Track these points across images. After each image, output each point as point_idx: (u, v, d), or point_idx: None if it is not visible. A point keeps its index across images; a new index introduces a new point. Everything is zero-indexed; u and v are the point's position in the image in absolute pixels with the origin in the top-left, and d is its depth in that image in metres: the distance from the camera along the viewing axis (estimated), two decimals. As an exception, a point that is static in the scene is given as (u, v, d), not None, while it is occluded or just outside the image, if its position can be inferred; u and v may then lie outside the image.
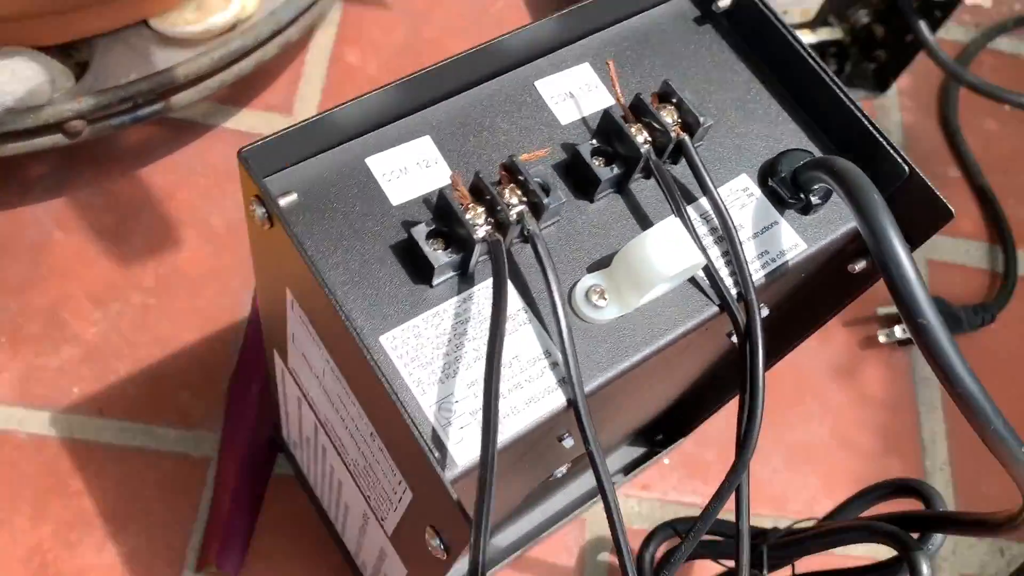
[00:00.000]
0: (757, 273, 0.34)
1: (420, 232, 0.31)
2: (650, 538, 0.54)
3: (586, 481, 0.60)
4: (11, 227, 0.61)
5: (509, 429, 0.30)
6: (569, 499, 0.59)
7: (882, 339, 0.68)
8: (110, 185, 0.63)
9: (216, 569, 0.53)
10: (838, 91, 0.37)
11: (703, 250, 0.33)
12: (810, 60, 0.37)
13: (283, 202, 0.31)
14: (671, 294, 0.33)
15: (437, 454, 0.29)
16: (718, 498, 0.34)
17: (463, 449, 0.29)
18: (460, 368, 0.31)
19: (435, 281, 0.32)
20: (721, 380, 0.53)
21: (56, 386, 0.57)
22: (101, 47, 0.57)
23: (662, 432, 0.62)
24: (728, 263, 0.34)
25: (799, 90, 0.38)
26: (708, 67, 0.38)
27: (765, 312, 0.38)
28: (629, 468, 0.60)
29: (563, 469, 0.50)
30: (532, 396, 0.31)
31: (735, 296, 0.34)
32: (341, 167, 0.33)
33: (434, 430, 0.30)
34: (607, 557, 0.60)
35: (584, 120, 0.36)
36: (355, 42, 0.73)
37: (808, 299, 0.44)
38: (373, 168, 0.33)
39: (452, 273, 0.32)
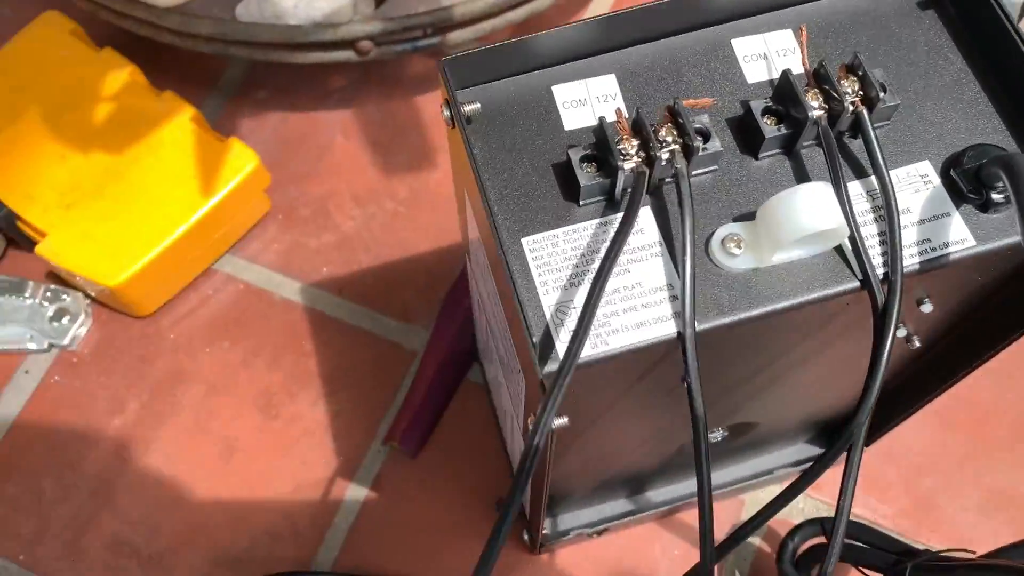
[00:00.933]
0: (911, 258, 0.34)
1: (576, 153, 0.34)
2: (796, 530, 0.54)
3: (752, 464, 0.60)
4: (306, 126, 0.72)
5: (612, 342, 0.32)
6: (733, 476, 0.60)
7: None
8: (391, 105, 0.72)
9: (398, 446, 0.60)
10: (1052, 91, 0.34)
11: (853, 221, 0.33)
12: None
13: (467, 108, 0.35)
14: (813, 260, 0.34)
15: (542, 348, 0.33)
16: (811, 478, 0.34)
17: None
18: (585, 280, 0.34)
19: (582, 201, 0.35)
20: (903, 389, 0.51)
21: (311, 263, 0.67)
22: (402, -21, 0.66)
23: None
24: (883, 243, 0.34)
25: (1016, 89, 0.36)
26: (920, 51, 0.38)
27: (928, 308, 0.37)
28: (801, 463, 0.60)
29: (718, 434, 0.51)
30: (644, 320, 0.33)
31: (880, 276, 0.33)
32: (529, 89, 0.37)
33: (547, 327, 0.33)
34: (757, 541, 0.59)
35: (771, 82, 0.37)
36: None
37: (992, 315, 0.41)
38: (557, 95, 0.37)
39: (600, 197, 0.35)
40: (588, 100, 0.37)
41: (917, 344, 0.43)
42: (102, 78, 0.65)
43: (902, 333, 0.40)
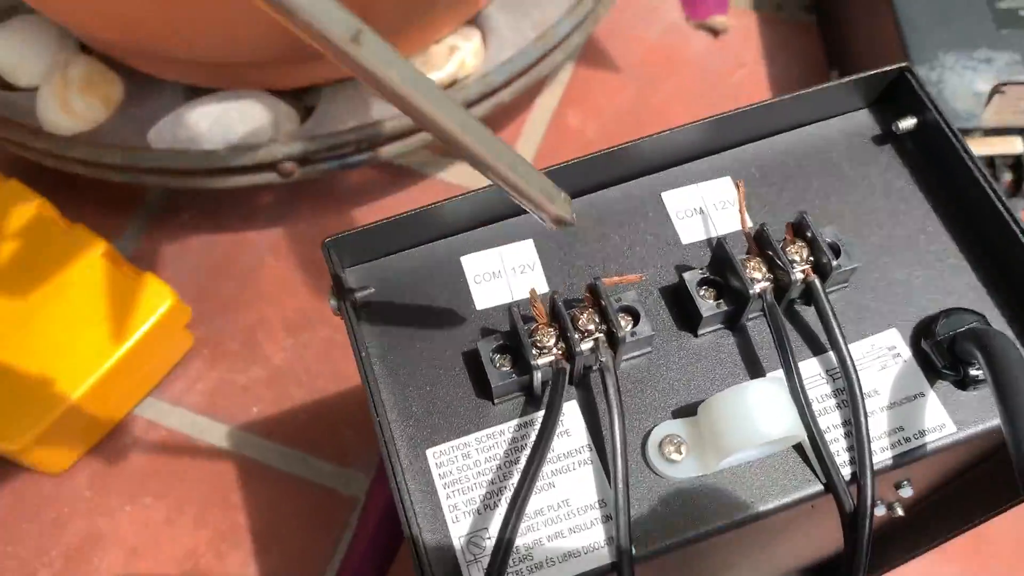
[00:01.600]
0: (883, 453, 0.29)
1: (487, 345, 0.29)
2: None
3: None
4: (233, 249, 0.67)
5: (536, 581, 0.27)
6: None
7: None
8: (325, 220, 0.68)
9: (339, 609, 0.54)
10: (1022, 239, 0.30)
11: (811, 419, 0.28)
12: (1000, 206, 0.31)
13: (359, 295, 0.31)
14: (769, 462, 0.29)
15: (452, 592, 0.27)
16: None
17: (484, 593, 0.27)
18: (503, 500, 0.28)
19: (497, 399, 0.30)
20: (890, 544, 0.46)
21: (239, 402, 0.61)
22: (328, 94, 0.61)
23: None
24: (848, 435, 0.29)
25: (989, 239, 0.32)
26: (877, 195, 0.33)
27: (907, 492, 0.32)
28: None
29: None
30: (573, 549, 0.28)
31: (847, 477, 0.28)
32: (435, 262, 0.32)
33: (456, 566, 0.28)
34: None
35: (709, 242, 0.32)
36: (579, 104, 0.72)
37: (963, 490, 0.36)
38: (466, 267, 0.32)
39: (518, 392, 0.30)
40: (503, 272, 0.32)
41: (900, 513, 0.38)
42: (5, 214, 0.60)
43: (880, 511, 0.35)
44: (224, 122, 0.58)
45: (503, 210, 0.33)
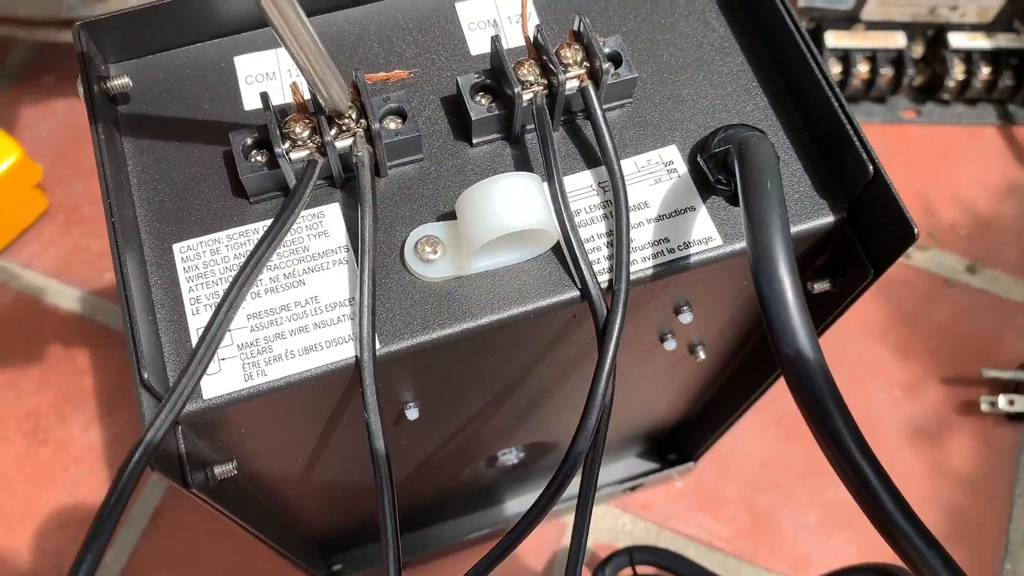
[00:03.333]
0: (644, 263, 0.28)
1: (240, 138, 0.28)
2: (605, 563, 0.48)
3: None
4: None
5: (272, 372, 0.26)
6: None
7: (984, 407, 0.56)
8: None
9: (181, 474, 0.54)
10: (814, 65, 0.29)
11: (567, 219, 0.27)
12: (791, 25, 0.30)
13: (115, 83, 0.29)
14: (529, 267, 0.28)
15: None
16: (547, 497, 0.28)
17: (216, 382, 0.26)
18: (244, 290, 0.27)
19: (252, 197, 0.28)
20: (719, 399, 0.46)
21: (93, 268, 0.60)
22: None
23: (675, 450, 0.55)
24: (611, 244, 0.28)
25: (780, 61, 0.31)
26: (678, 15, 0.32)
27: (687, 317, 0.32)
28: (631, 479, 0.54)
29: (512, 455, 0.45)
30: (315, 343, 0.27)
31: (604, 284, 0.28)
32: (204, 63, 0.30)
33: (191, 355, 0.26)
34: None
35: (497, 54, 0.31)
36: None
37: (753, 331, 0.36)
38: (239, 67, 0.30)
39: (276, 192, 0.29)
40: (278, 74, 0.31)
41: (703, 355, 0.37)
42: None
43: (672, 346, 0.35)
44: (75, -31, 0.55)
45: (284, 11, 0.31)
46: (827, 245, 0.30)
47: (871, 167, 0.27)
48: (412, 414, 0.32)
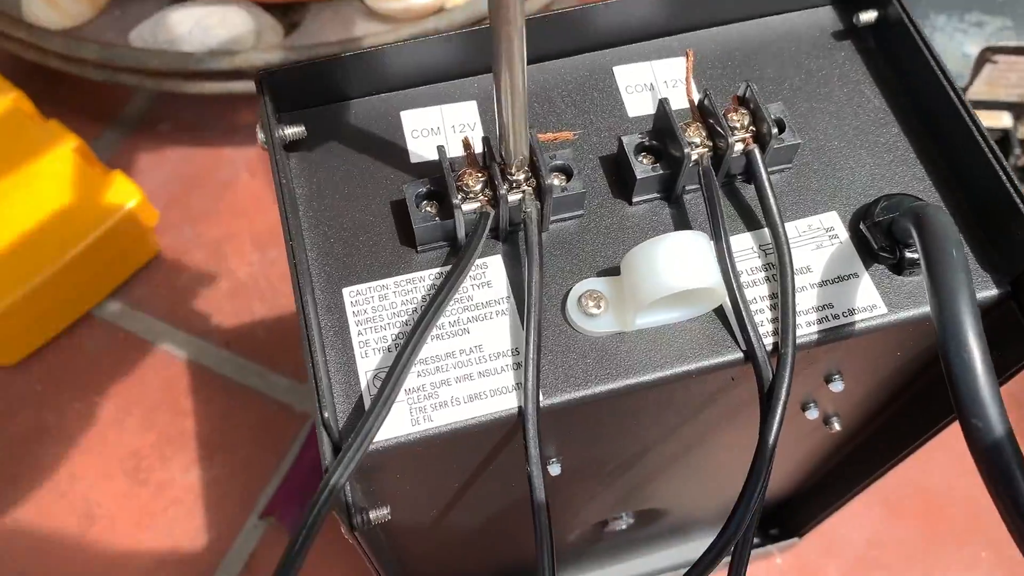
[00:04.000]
0: (808, 327, 0.28)
1: (413, 189, 0.29)
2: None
3: (673, 553, 0.54)
4: (210, 163, 0.66)
5: (438, 418, 0.26)
6: (649, 567, 0.53)
7: (1099, 497, 0.54)
8: (305, 144, 0.67)
9: (277, 521, 0.54)
10: (979, 137, 0.29)
11: (734, 280, 0.27)
12: (955, 98, 0.30)
13: (288, 131, 0.30)
14: (691, 326, 0.28)
15: (349, 423, 0.26)
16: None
17: (386, 425, 0.26)
18: (423, 339, 0.27)
19: (420, 246, 0.29)
20: (836, 474, 0.45)
21: (199, 312, 0.61)
22: (313, 10, 0.61)
23: (778, 525, 0.54)
24: (775, 307, 0.28)
25: (939, 132, 0.31)
26: (833, 86, 0.32)
27: (838, 386, 0.31)
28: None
29: (622, 522, 0.45)
30: (479, 391, 0.27)
31: (769, 347, 0.28)
32: (374, 115, 0.32)
33: (361, 399, 0.27)
34: (675, 643, 0.53)
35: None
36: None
37: (922, 395, 0.35)
38: (406, 122, 0.31)
39: (443, 242, 0.29)
40: (442, 129, 0.31)
41: (837, 427, 0.37)
42: (-19, 104, 0.60)
43: (814, 415, 0.34)
44: (204, 25, 0.58)
45: (449, 69, 0.32)
46: (989, 318, 0.30)
47: (1044, 241, 0.27)
48: (554, 470, 0.31)
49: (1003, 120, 0.63)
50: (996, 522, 0.57)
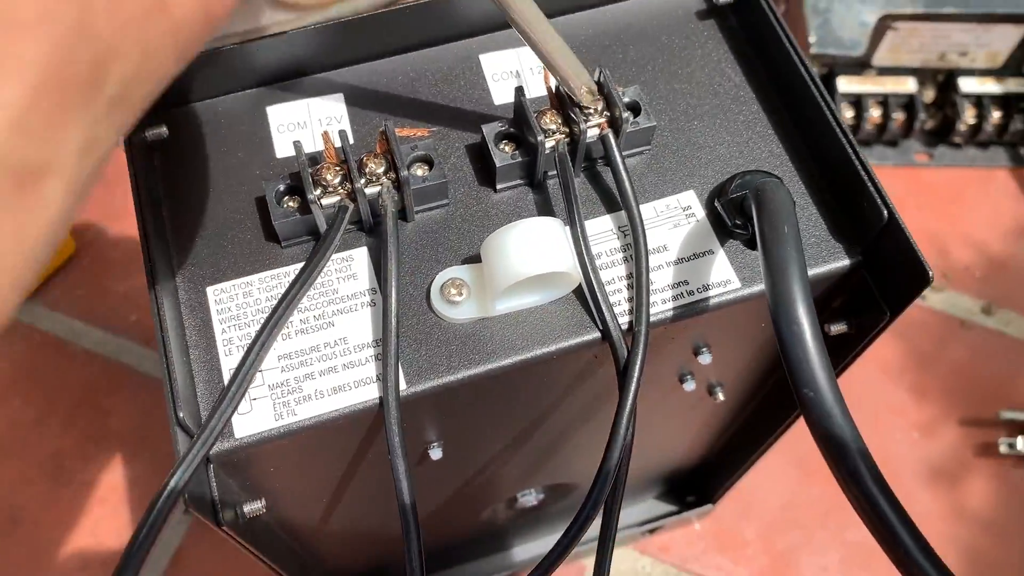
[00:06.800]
0: (664, 304, 0.29)
1: (273, 186, 0.29)
2: (626, 601, 0.48)
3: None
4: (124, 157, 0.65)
5: (302, 411, 0.27)
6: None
7: (1003, 449, 0.56)
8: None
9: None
10: (828, 113, 0.30)
11: (589, 263, 0.28)
12: (805, 74, 0.31)
13: (150, 133, 0.30)
14: (552, 308, 0.29)
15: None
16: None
17: (247, 421, 0.27)
18: (276, 331, 0.28)
19: (284, 242, 0.29)
20: (738, 440, 0.46)
21: (118, 310, 0.61)
22: None
23: (694, 492, 0.55)
24: (631, 287, 0.29)
25: (795, 108, 0.32)
26: (695, 66, 0.33)
27: (707, 358, 0.32)
28: (650, 520, 0.54)
29: (532, 496, 0.45)
30: (343, 383, 0.27)
31: (624, 325, 0.28)
32: (236, 112, 0.32)
33: (222, 394, 0.27)
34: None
35: (520, 103, 0.32)
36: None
37: (771, 372, 0.37)
38: (271, 117, 0.32)
39: (306, 237, 0.29)
40: (308, 123, 0.32)
41: (722, 397, 0.38)
42: None
43: (692, 387, 0.35)
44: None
45: (315, 62, 0.32)
46: (843, 288, 0.31)
47: (885, 211, 0.28)
48: (435, 454, 0.32)
49: (908, 85, 0.65)
50: (905, 473, 0.58)
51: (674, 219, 0.30)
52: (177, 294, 0.28)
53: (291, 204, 0.29)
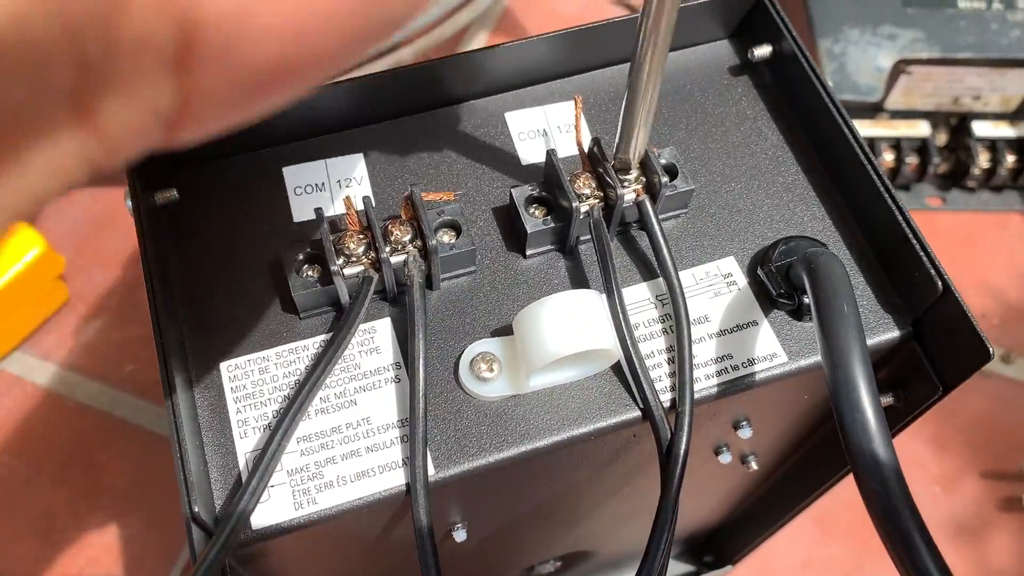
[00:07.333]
0: (708, 380, 0.27)
1: (292, 254, 0.27)
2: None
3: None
4: (117, 203, 0.64)
5: (323, 500, 0.25)
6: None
7: (1027, 504, 0.55)
8: (220, 179, 0.65)
9: (199, 576, 0.52)
10: (876, 178, 0.29)
11: (628, 337, 0.26)
12: (851, 138, 0.29)
13: (160, 197, 0.28)
14: (588, 384, 0.27)
15: (224, 508, 0.25)
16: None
17: (264, 511, 0.25)
18: (298, 417, 0.26)
19: (303, 313, 0.28)
20: (763, 505, 0.44)
21: (113, 360, 0.58)
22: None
23: (712, 552, 0.53)
24: (672, 361, 0.27)
25: (837, 170, 0.30)
26: (729, 125, 0.32)
27: (747, 433, 0.31)
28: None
29: (549, 565, 0.43)
30: (367, 468, 0.25)
31: (667, 404, 0.27)
32: (252, 173, 0.30)
33: (239, 482, 0.25)
34: None
35: (548, 163, 0.31)
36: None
37: (815, 450, 0.35)
38: (288, 178, 0.30)
39: (327, 307, 0.28)
40: (327, 185, 0.30)
41: (755, 467, 0.36)
42: None
43: (727, 459, 0.34)
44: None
45: (334, 120, 0.31)
46: (889, 359, 0.29)
47: (940, 283, 0.26)
48: (460, 536, 0.30)
49: (921, 129, 0.64)
50: (931, 530, 0.56)
51: (715, 287, 0.29)
52: (188, 371, 0.27)
53: (311, 274, 0.27)
